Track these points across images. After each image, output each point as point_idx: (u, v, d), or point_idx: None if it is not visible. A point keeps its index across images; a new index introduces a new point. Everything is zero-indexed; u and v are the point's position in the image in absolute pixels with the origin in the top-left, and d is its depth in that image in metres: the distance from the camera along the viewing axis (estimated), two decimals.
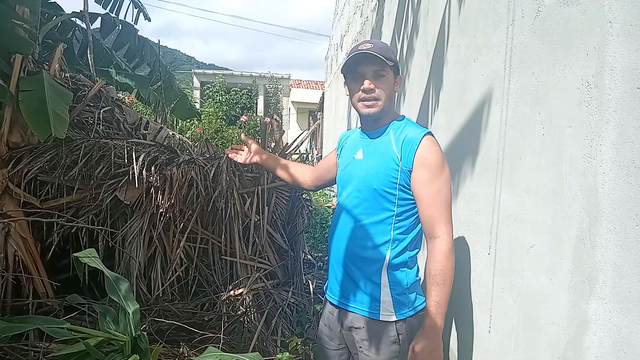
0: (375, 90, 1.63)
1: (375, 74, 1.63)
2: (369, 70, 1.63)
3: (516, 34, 1.63)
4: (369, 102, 1.64)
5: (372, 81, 1.63)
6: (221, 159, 3.18)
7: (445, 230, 1.58)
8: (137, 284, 3.07)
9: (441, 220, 1.58)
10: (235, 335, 2.99)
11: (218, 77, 18.69)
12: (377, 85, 1.63)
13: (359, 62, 1.64)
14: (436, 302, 1.54)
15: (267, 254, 3.33)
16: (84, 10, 3.97)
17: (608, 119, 1.14)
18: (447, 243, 1.56)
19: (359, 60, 1.63)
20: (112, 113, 3.49)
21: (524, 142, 1.53)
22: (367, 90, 1.63)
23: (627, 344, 1.04)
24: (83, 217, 3.04)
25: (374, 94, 1.63)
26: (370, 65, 1.63)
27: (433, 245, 1.59)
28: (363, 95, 1.64)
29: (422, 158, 1.59)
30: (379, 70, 1.63)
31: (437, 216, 1.58)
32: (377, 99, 1.64)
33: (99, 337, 1.77)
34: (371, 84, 1.63)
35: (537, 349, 1.41)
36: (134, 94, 5.04)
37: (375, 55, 1.59)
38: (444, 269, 1.55)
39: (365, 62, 1.63)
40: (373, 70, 1.63)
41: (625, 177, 1.07)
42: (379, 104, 1.65)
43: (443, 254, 1.55)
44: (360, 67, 1.64)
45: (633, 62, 1.07)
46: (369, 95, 1.63)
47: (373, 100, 1.64)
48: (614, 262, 1.10)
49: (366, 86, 1.63)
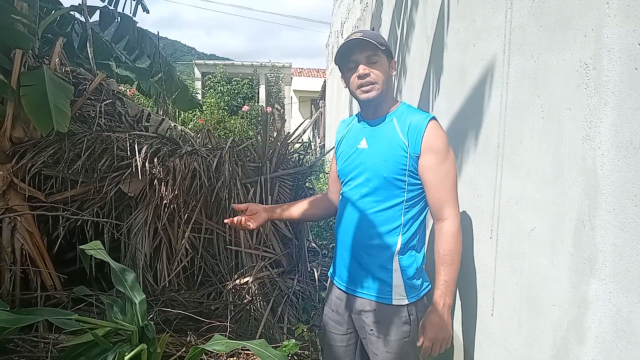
0: (371, 74, 1.64)
1: (368, 59, 1.64)
2: (361, 57, 1.64)
3: (515, 17, 1.62)
4: (366, 87, 1.65)
5: (367, 66, 1.64)
6: (223, 149, 3.19)
7: (452, 212, 1.62)
8: (144, 274, 3.11)
9: (449, 202, 1.62)
10: (242, 324, 3.03)
11: (219, 67, 18.62)
12: (372, 69, 1.64)
13: (351, 51, 1.65)
14: (445, 280, 1.60)
15: (271, 242, 3.36)
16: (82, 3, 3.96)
17: (606, 100, 1.14)
18: (454, 224, 1.62)
19: (351, 48, 1.65)
20: (114, 106, 3.50)
21: (523, 126, 1.53)
22: (362, 75, 1.64)
23: (627, 323, 1.05)
24: (88, 210, 3.08)
25: (369, 78, 1.64)
26: (362, 52, 1.64)
27: (441, 227, 1.64)
28: (359, 81, 1.65)
29: (429, 143, 1.61)
30: (371, 55, 1.64)
31: (444, 199, 1.62)
32: (374, 83, 1.65)
33: (107, 328, 1.80)
34: (366, 68, 1.64)
35: (539, 330, 1.42)
36: (135, 86, 5.04)
37: (365, 40, 1.61)
38: (452, 250, 1.60)
39: (358, 50, 1.64)
40: (365, 56, 1.64)
41: (624, 158, 1.07)
42: (377, 87, 1.65)
43: (451, 235, 1.61)
44: (353, 55, 1.66)
45: (630, 43, 1.06)
46: (365, 80, 1.64)
47: (370, 84, 1.65)
48: (613, 243, 1.10)
49: (361, 71, 1.64)
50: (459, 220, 1.63)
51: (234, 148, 3.28)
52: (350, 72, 1.69)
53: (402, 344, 1.66)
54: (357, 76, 1.65)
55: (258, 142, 3.43)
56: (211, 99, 12.97)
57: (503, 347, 1.65)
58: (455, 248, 1.61)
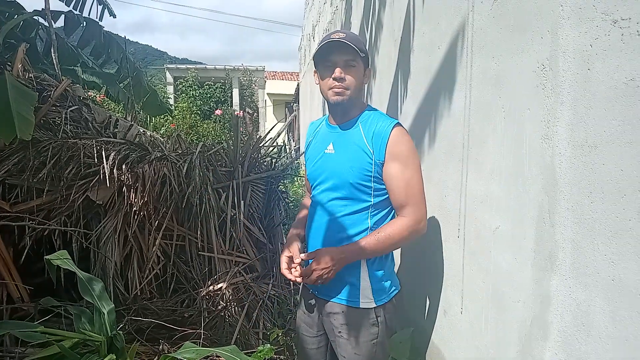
0: (346, 79, 1.64)
1: (346, 63, 1.64)
2: (340, 60, 1.63)
3: (476, 20, 1.65)
4: (338, 90, 1.64)
5: (343, 70, 1.63)
6: (193, 154, 3.16)
7: (411, 211, 1.62)
8: (114, 283, 3.05)
9: (410, 204, 1.62)
10: (217, 330, 2.99)
11: (191, 71, 18.43)
12: (347, 75, 1.64)
13: (331, 50, 1.64)
14: (363, 245, 1.60)
15: (245, 247, 3.33)
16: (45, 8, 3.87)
17: (563, 100, 1.17)
18: (409, 221, 1.61)
19: (332, 48, 1.63)
20: (80, 112, 3.43)
21: (486, 126, 1.56)
22: (338, 78, 1.63)
23: (586, 317, 1.08)
24: (55, 219, 3.00)
25: (344, 82, 1.64)
26: (342, 55, 1.63)
27: (397, 219, 1.65)
28: (334, 83, 1.64)
29: (392, 150, 1.61)
30: (350, 60, 1.63)
31: (407, 203, 1.62)
32: (346, 88, 1.64)
33: (74, 339, 1.76)
34: (342, 72, 1.63)
35: (505, 327, 1.45)
36: (103, 92, 4.95)
37: (348, 44, 1.60)
38: (392, 235, 1.60)
39: (338, 51, 1.63)
40: (344, 59, 1.63)
41: (580, 157, 1.10)
42: (348, 92, 1.65)
43: (401, 226, 1.62)
44: (333, 55, 1.64)
45: (583, 44, 1.09)
46: (339, 83, 1.63)
47: (343, 88, 1.64)
48: (572, 239, 1.13)
49: (337, 74, 1.63)
50: (416, 222, 1.62)
51: (204, 153, 3.25)
52: (325, 71, 1.67)
53: (371, 345, 1.67)
54: (332, 77, 1.64)
55: (229, 146, 3.41)
56: (183, 104, 12.83)
57: (472, 345, 1.68)
58: (396, 236, 1.60)
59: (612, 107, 1.01)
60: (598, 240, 1.04)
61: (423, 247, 2.14)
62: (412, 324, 2.20)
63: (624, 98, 0.97)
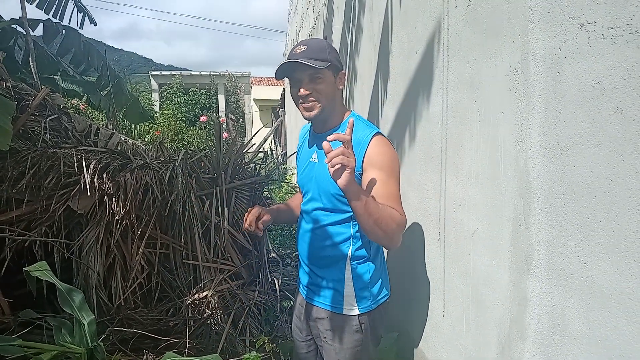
0: (313, 93, 1.60)
1: (311, 77, 1.59)
2: (304, 75, 1.60)
3: (451, 24, 1.66)
4: (307, 105, 1.62)
5: (309, 85, 1.60)
6: (176, 161, 3.14)
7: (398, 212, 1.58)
8: (97, 294, 3.01)
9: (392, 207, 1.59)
10: (203, 339, 2.97)
11: (175, 78, 18.35)
12: (314, 88, 1.60)
13: (294, 67, 1.60)
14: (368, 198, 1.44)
15: (230, 255, 3.31)
16: (22, 16, 3.82)
17: (534, 103, 1.18)
18: (400, 217, 1.51)
19: (294, 65, 1.59)
20: (60, 121, 3.39)
21: (463, 130, 1.57)
22: (302, 96, 1.61)
23: (561, 318, 1.09)
24: (36, 229, 2.96)
25: (311, 97, 1.60)
26: (305, 70, 1.58)
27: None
28: (301, 100, 1.63)
29: (371, 160, 1.57)
30: (314, 73, 1.59)
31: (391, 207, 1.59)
32: (317, 101, 1.61)
33: (53, 351, 1.74)
34: (306, 90, 1.60)
35: (485, 329, 1.46)
36: (84, 100, 4.90)
37: (306, 64, 1.54)
38: (391, 215, 1.47)
39: (299, 69, 1.59)
40: (308, 74, 1.59)
41: (552, 159, 1.11)
42: (318, 105, 1.62)
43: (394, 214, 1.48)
44: (295, 72, 1.61)
45: (553, 47, 1.11)
46: (306, 100, 1.61)
47: (312, 103, 1.61)
48: (546, 241, 1.14)
49: (302, 93, 1.60)
50: (404, 223, 1.53)
51: (187, 160, 3.23)
52: (293, 87, 1.65)
53: (354, 352, 1.66)
54: (298, 95, 1.62)
55: (212, 153, 3.39)
56: (168, 110, 12.75)
57: (454, 347, 1.68)
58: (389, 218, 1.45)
59: (581, 109, 1.02)
60: (571, 242, 1.05)
61: (406, 251, 2.15)
62: (397, 328, 2.21)
63: (592, 101, 0.98)
